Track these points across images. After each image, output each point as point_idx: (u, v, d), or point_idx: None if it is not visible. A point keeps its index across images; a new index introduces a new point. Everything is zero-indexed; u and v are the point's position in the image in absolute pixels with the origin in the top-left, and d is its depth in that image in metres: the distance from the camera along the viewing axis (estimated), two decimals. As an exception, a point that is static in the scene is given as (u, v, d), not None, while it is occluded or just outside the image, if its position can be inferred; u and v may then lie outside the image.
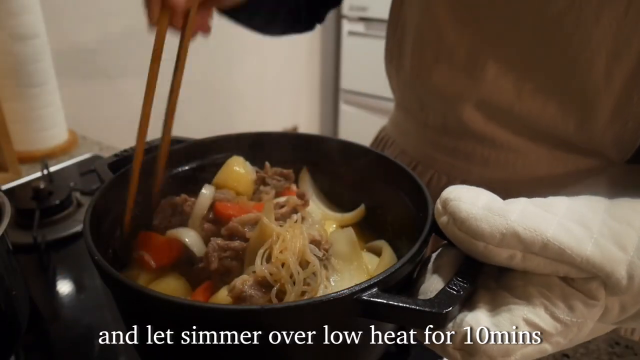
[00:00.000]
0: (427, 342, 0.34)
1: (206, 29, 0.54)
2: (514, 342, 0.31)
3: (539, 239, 0.32)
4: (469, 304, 0.33)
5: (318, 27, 0.78)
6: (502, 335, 0.31)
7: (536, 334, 0.31)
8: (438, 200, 0.37)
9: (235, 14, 0.64)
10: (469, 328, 0.31)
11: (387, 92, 0.80)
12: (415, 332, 0.35)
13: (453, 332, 0.32)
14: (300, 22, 0.76)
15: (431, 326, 0.32)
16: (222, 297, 0.40)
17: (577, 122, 0.58)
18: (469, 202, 0.34)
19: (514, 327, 0.31)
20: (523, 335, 0.31)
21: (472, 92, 0.62)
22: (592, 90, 0.55)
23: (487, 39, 0.59)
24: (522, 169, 0.64)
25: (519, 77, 0.58)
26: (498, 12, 0.57)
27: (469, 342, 0.31)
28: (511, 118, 0.61)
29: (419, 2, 0.64)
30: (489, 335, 0.31)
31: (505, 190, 0.38)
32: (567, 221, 0.33)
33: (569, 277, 0.32)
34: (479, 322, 0.31)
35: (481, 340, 0.31)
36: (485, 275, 0.36)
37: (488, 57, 0.59)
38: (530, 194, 0.37)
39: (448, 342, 0.32)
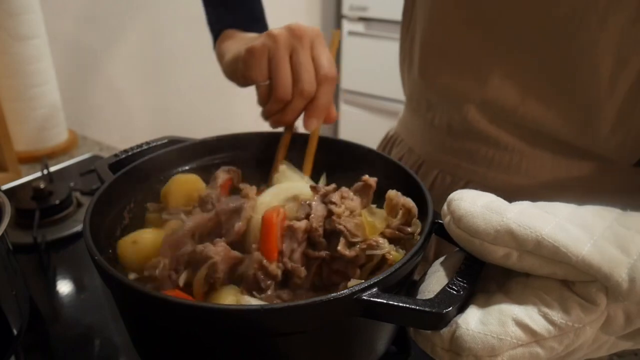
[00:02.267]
0: (417, 340, 0.34)
1: (331, 118, 0.55)
2: (501, 339, 0.30)
3: (532, 236, 0.31)
4: (467, 304, 0.33)
5: (318, 27, 0.79)
6: (489, 332, 0.30)
7: (526, 334, 0.30)
8: (445, 203, 0.37)
9: None
10: (455, 326, 0.31)
11: (387, 92, 0.81)
12: (409, 329, 0.35)
13: (441, 332, 0.31)
14: None
15: (432, 326, 0.32)
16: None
17: (580, 127, 0.57)
18: (470, 201, 0.34)
19: (502, 325, 0.30)
20: (511, 333, 0.30)
21: (477, 93, 0.62)
22: (596, 95, 0.55)
23: (493, 41, 0.59)
24: (526, 171, 0.64)
25: (524, 80, 0.58)
26: (504, 14, 0.57)
27: (454, 341, 0.30)
28: (515, 120, 0.61)
29: (429, 3, 0.65)
30: (476, 333, 0.30)
31: (510, 192, 0.37)
32: (567, 223, 0.32)
33: (569, 281, 0.32)
34: (466, 320, 0.31)
35: (467, 339, 0.30)
36: (487, 279, 0.35)
37: (494, 59, 0.59)
38: (534, 197, 0.37)
39: (437, 342, 0.32)
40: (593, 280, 0.31)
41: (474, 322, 0.31)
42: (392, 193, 0.44)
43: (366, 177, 0.47)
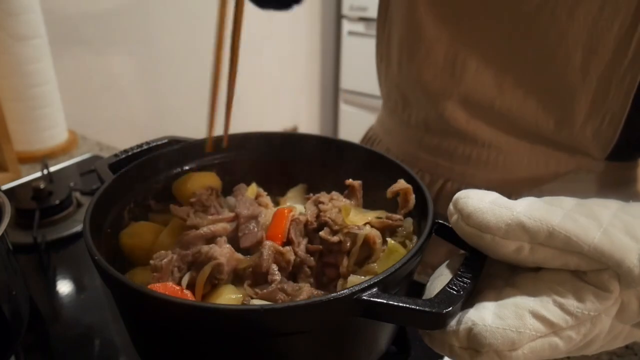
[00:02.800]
0: (432, 344, 0.34)
1: None
2: (520, 332, 0.30)
3: (544, 228, 0.31)
4: (474, 302, 0.33)
5: (318, 27, 0.80)
6: (507, 326, 0.30)
7: (544, 325, 0.30)
8: (450, 203, 0.37)
9: None
10: (472, 323, 0.31)
11: (387, 92, 0.81)
12: (420, 334, 0.35)
13: (457, 331, 0.31)
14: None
15: (432, 326, 0.32)
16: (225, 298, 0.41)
17: (556, 118, 0.58)
18: (477, 198, 0.34)
19: (519, 318, 0.30)
20: (529, 325, 0.30)
21: (454, 88, 0.63)
22: (570, 85, 0.56)
23: (467, 34, 0.60)
24: (504, 168, 0.64)
25: (499, 72, 0.59)
26: (476, 8, 0.58)
27: (473, 338, 0.31)
28: (493, 114, 0.62)
29: (404, 3, 0.65)
30: (494, 327, 0.30)
31: (489, 189, 0.38)
32: (575, 214, 0.32)
33: (580, 271, 0.32)
34: (482, 316, 0.31)
35: (487, 334, 0.30)
36: (492, 277, 0.35)
37: (468, 52, 0.60)
38: (512, 194, 0.37)
39: (454, 342, 0.32)
40: (605, 268, 0.31)
41: (490, 317, 0.31)
42: (402, 180, 0.47)
43: (350, 180, 0.50)
